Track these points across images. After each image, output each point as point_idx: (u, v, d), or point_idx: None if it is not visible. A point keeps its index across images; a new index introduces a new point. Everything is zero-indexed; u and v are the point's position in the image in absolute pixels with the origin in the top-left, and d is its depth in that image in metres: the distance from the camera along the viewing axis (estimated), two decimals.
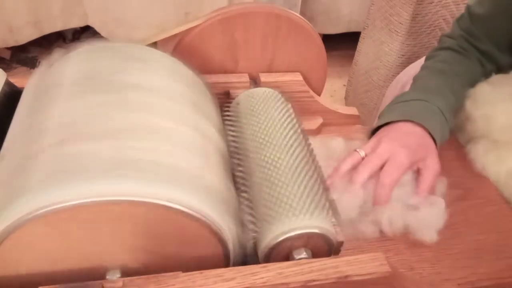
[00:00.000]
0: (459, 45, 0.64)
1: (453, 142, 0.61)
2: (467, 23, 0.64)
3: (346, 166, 0.49)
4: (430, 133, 0.53)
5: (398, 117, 0.54)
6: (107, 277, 0.35)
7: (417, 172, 0.52)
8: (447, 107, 0.57)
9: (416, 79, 0.63)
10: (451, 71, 0.61)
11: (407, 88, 0.63)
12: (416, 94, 0.58)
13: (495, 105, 0.57)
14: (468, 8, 0.64)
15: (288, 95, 0.54)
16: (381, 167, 0.49)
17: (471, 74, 0.61)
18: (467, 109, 0.60)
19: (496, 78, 0.61)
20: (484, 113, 0.57)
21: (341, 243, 0.41)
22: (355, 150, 0.51)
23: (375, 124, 0.57)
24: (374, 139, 0.53)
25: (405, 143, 0.50)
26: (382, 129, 0.55)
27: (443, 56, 0.64)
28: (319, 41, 0.61)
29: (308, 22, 0.59)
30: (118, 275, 0.35)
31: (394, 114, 0.56)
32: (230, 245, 0.37)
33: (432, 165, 0.51)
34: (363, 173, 0.48)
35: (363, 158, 0.50)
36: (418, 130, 0.53)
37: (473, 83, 0.61)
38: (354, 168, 0.50)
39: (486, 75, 0.63)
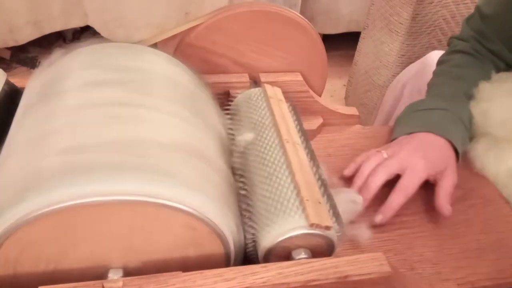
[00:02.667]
0: (472, 48, 0.63)
1: None
2: (478, 24, 0.63)
3: (369, 166, 0.49)
4: (452, 144, 0.53)
5: (419, 127, 0.54)
6: (108, 276, 0.35)
7: (434, 183, 0.52)
8: (466, 114, 0.56)
9: (431, 85, 0.62)
10: (466, 76, 0.60)
11: (407, 88, 0.63)
12: (434, 102, 0.57)
13: (492, 101, 0.57)
14: (478, 8, 0.64)
15: (288, 95, 0.54)
16: (397, 174, 0.49)
17: (486, 77, 0.61)
18: None
19: (497, 76, 0.61)
20: (481, 108, 0.57)
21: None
22: (378, 151, 0.50)
23: (394, 133, 0.56)
24: (395, 145, 0.53)
25: (426, 154, 0.50)
26: (403, 137, 0.54)
27: (457, 60, 0.63)
28: (319, 41, 0.61)
29: (309, 22, 0.59)
30: (119, 275, 0.35)
31: (415, 123, 0.55)
32: (231, 245, 0.37)
33: (449, 175, 0.51)
34: (381, 176, 0.47)
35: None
36: (440, 141, 0.53)
37: None
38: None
39: None
